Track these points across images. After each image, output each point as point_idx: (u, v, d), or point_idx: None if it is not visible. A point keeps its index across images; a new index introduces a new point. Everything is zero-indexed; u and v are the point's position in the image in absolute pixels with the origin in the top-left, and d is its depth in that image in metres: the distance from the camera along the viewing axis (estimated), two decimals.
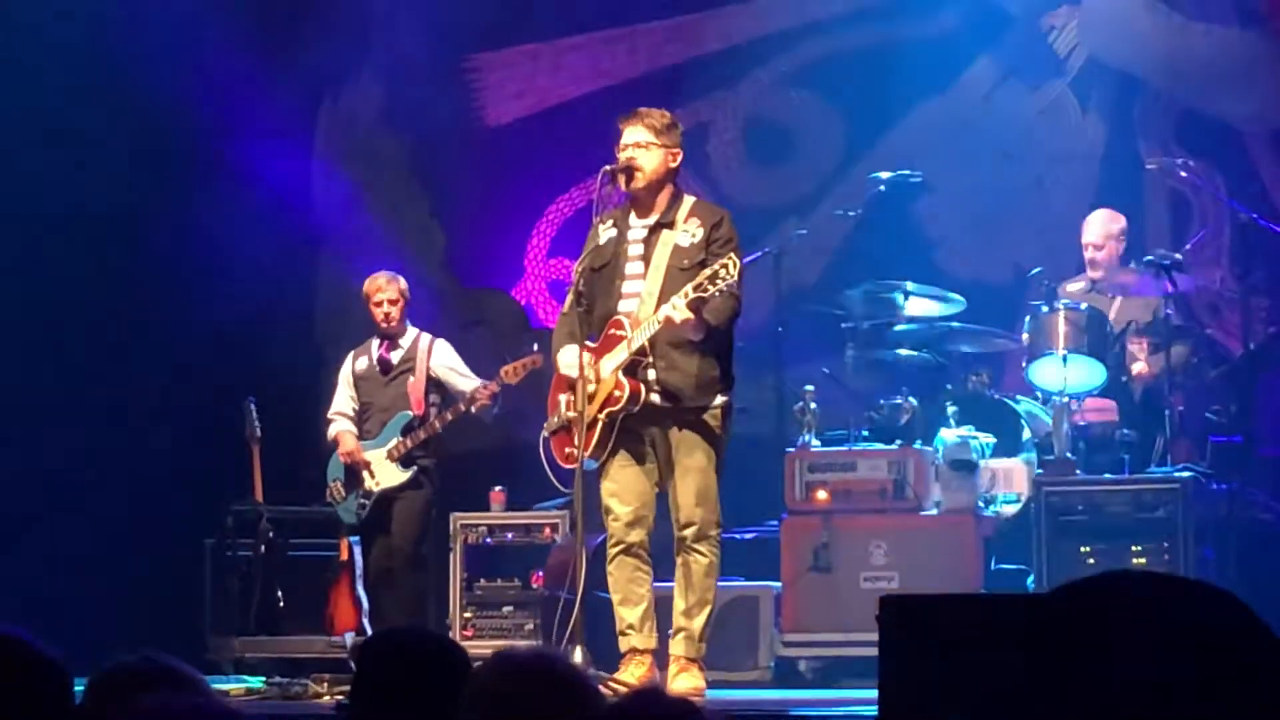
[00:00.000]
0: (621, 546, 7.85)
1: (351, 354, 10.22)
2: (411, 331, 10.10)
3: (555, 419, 8.00)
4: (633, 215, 7.98)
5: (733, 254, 7.54)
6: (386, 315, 9.98)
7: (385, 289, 10.01)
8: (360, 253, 12.34)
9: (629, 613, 7.86)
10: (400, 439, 9.87)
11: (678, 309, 7.52)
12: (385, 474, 9.89)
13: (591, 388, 7.74)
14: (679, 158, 7.98)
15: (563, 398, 7.95)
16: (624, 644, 7.88)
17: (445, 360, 10.03)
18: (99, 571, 10.85)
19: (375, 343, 10.11)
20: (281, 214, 12.32)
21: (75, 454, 11.24)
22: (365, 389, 10.07)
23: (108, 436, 11.43)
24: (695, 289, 7.48)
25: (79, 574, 10.69)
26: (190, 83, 11.69)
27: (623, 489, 7.85)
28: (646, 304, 7.77)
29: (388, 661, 3.78)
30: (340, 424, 10.07)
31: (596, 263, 7.91)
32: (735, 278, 7.45)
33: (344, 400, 10.12)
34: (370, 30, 12.86)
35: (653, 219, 7.91)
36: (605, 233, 7.96)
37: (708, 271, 7.49)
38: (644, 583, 7.89)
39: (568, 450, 7.88)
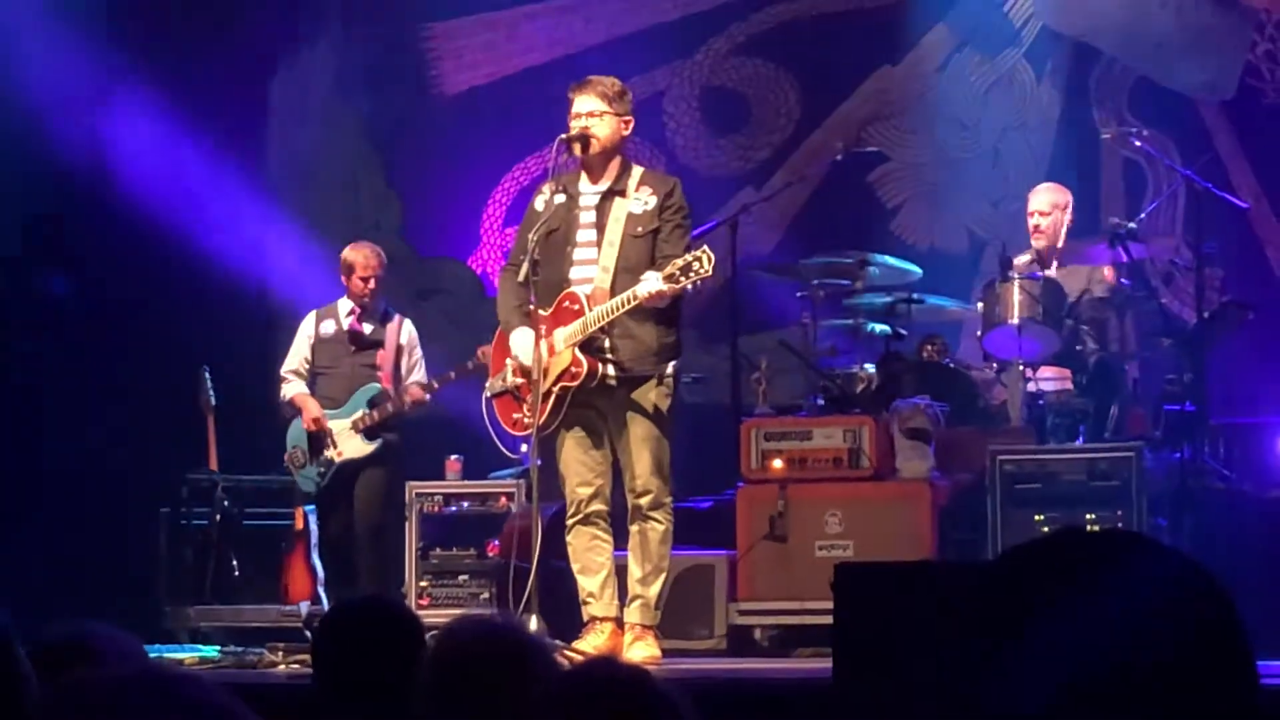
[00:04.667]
0: (579, 516, 7.87)
1: (315, 314, 10.15)
2: (381, 305, 10.08)
3: (500, 382, 8.00)
4: (583, 182, 7.97)
5: (706, 248, 7.51)
6: (368, 290, 9.95)
7: (373, 265, 9.96)
8: (315, 220, 12.31)
9: (589, 581, 7.88)
10: (367, 410, 9.85)
11: (648, 282, 7.52)
12: (349, 445, 9.86)
13: (544, 356, 7.74)
14: (630, 125, 8.01)
15: (509, 361, 7.95)
16: (585, 613, 7.90)
17: (410, 342, 10.03)
18: (52, 541, 10.82)
19: (343, 308, 10.05)
20: (235, 181, 12.26)
21: (28, 424, 11.20)
22: (326, 353, 10.01)
23: (62, 405, 11.38)
24: (667, 279, 7.47)
25: (32, 543, 10.65)
26: (141, 49, 11.64)
27: (577, 460, 7.86)
28: (604, 278, 7.76)
29: (347, 632, 3.79)
30: (297, 385, 10.01)
31: (547, 228, 7.89)
32: (710, 272, 7.45)
33: (298, 359, 10.06)
34: None
35: (604, 185, 7.90)
36: (554, 198, 7.94)
37: (680, 263, 7.46)
38: (603, 551, 7.90)
39: (515, 416, 7.90)
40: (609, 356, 7.75)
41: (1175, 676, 1.57)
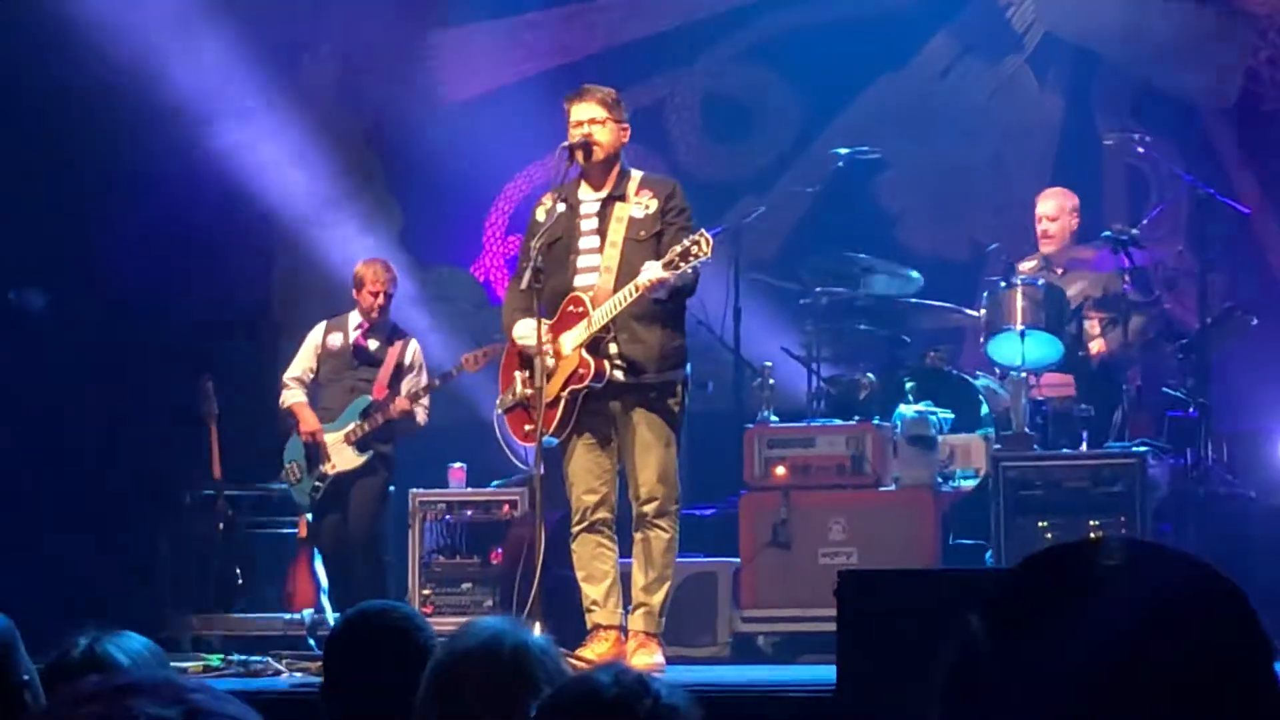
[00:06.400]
0: (584, 524, 7.86)
1: (325, 324, 10.15)
2: (390, 323, 10.08)
3: (509, 396, 7.99)
4: (583, 190, 7.97)
5: (704, 231, 7.54)
6: (376, 305, 9.94)
7: (383, 280, 9.95)
8: (317, 229, 12.31)
9: (593, 589, 7.87)
10: (358, 422, 9.86)
11: (649, 270, 7.53)
12: (341, 457, 9.87)
13: (550, 362, 7.73)
14: (628, 132, 8.01)
15: (517, 374, 7.94)
16: (589, 620, 7.89)
17: (414, 363, 10.01)
18: (56, 550, 10.81)
19: (352, 321, 10.05)
20: (238, 191, 12.25)
21: (32, 433, 11.19)
22: (330, 365, 10.03)
23: (66, 415, 11.38)
24: (668, 266, 7.48)
25: (35, 552, 10.65)
26: (147, 59, 11.63)
27: (585, 467, 7.85)
28: (606, 279, 7.77)
29: (361, 640, 3.79)
30: (296, 393, 10.01)
31: (549, 238, 7.88)
32: (709, 255, 7.46)
33: (302, 367, 10.07)
34: (329, 6, 12.81)
35: (605, 192, 7.90)
36: (556, 208, 7.93)
37: (679, 248, 7.48)
38: (608, 559, 7.89)
39: (527, 428, 7.87)
40: (617, 362, 7.74)
41: (1198, 688, 1.55)
